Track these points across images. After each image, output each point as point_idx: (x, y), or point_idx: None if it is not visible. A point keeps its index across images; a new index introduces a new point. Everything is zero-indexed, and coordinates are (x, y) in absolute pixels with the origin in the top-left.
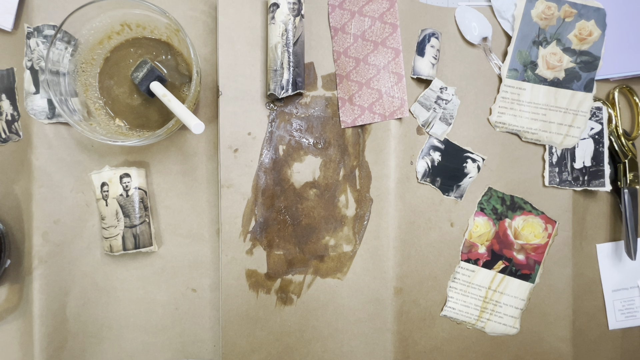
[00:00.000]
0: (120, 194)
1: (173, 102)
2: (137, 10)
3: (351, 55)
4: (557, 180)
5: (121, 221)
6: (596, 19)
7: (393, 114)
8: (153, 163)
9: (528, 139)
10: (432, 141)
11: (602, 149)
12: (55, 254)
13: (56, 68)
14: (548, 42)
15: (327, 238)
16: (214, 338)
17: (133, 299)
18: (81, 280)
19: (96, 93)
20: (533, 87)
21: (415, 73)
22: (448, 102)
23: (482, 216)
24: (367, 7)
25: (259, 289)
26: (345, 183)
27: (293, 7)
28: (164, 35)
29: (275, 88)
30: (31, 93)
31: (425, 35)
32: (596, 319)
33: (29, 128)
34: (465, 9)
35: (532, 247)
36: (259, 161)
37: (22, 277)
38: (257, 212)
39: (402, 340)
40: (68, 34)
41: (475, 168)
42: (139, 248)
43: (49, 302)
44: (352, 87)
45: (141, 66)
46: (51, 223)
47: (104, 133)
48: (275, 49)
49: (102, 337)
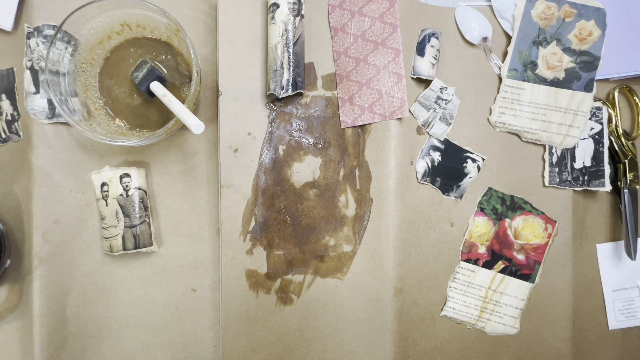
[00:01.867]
0: (120, 194)
1: (173, 102)
2: (137, 10)
3: (351, 55)
4: (557, 180)
5: (121, 221)
6: (596, 19)
7: (393, 114)
8: (153, 163)
9: (528, 139)
10: (432, 141)
11: (602, 149)
12: (55, 254)
13: (56, 68)
14: (548, 42)
15: (327, 238)
16: (214, 338)
17: (133, 299)
18: (81, 280)
19: (96, 93)
20: (533, 87)
21: (415, 73)
22: (448, 102)
23: (482, 216)
24: (367, 7)
25: (259, 289)
26: (345, 183)
27: (293, 7)
28: (164, 35)
29: (275, 88)
30: (31, 93)
31: (425, 35)
32: (596, 319)
33: (29, 128)
34: (465, 9)
35: (532, 247)
36: (259, 161)
37: (22, 277)
38: (257, 212)
39: (402, 340)
40: (68, 34)
41: (475, 168)
42: (139, 248)
43: (49, 302)
44: (352, 87)
45: (141, 66)
46: (51, 223)
47: (104, 133)
48: (275, 49)
49: (102, 337)
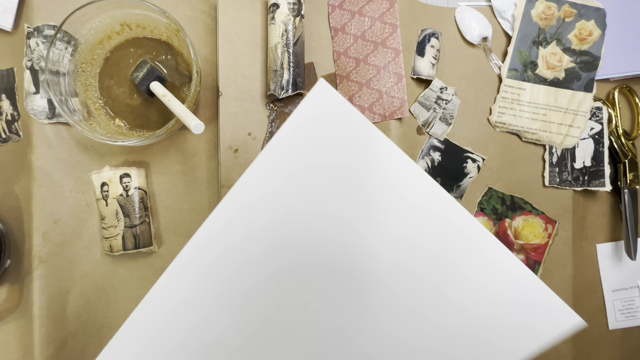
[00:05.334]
0: (120, 194)
1: (173, 102)
2: (137, 10)
3: (351, 55)
4: (557, 180)
5: (121, 221)
6: (596, 19)
7: (393, 114)
8: (153, 163)
9: (528, 139)
10: (432, 141)
11: (602, 149)
12: (55, 254)
13: (56, 68)
14: (548, 42)
15: None
16: None
17: (133, 299)
18: (81, 280)
19: (96, 93)
20: (533, 87)
21: (415, 73)
22: (448, 102)
23: (482, 216)
24: (367, 7)
25: None
26: None
27: (293, 7)
28: (164, 35)
29: (275, 88)
30: (31, 93)
31: (425, 35)
32: (596, 319)
33: (29, 128)
34: (465, 9)
35: (532, 247)
36: None
37: (22, 277)
38: None
39: None
40: (68, 34)
41: (475, 168)
42: (139, 248)
43: (49, 302)
44: (352, 87)
45: (141, 66)
46: (51, 223)
47: (104, 133)
48: (275, 49)
49: (102, 337)
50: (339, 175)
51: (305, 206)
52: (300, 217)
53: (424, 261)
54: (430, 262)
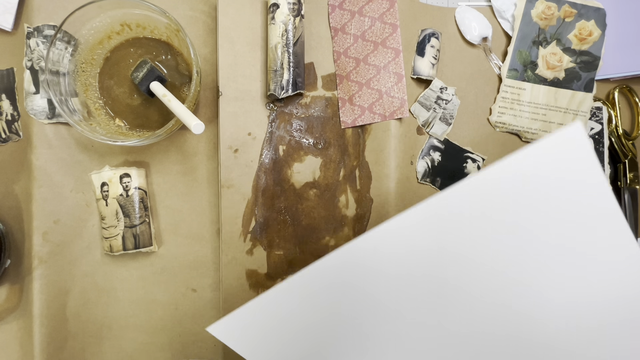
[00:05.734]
0: (120, 194)
1: (173, 102)
2: (137, 10)
3: (351, 55)
4: None
5: (121, 221)
6: (596, 19)
7: (393, 114)
8: (153, 163)
9: (528, 139)
10: (432, 141)
11: (602, 149)
12: (55, 254)
13: (56, 68)
14: (548, 42)
15: (328, 238)
16: (214, 338)
17: (133, 299)
18: (81, 280)
19: (96, 93)
20: (533, 87)
21: (415, 73)
22: (448, 102)
23: None
24: (367, 7)
25: (259, 289)
26: (345, 183)
27: (293, 7)
28: (164, 35)
29: (275, 88)
30: (31, 93)
31: (425, 35)
32: None
33: (29, 128)
34: (465, 9)
35: None
36: (259, 161)
37: (22, 277)
38: (257, 212)
39: None
40: (68, 34)
41: (475, 168)
42: (139, 248)
43: (49, 302)
44: (352, 87)
45: (141, 66)
46: (51, 223)
47: (104, 133)
48: (275, 49)
49: (102, 337)
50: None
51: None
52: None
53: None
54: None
